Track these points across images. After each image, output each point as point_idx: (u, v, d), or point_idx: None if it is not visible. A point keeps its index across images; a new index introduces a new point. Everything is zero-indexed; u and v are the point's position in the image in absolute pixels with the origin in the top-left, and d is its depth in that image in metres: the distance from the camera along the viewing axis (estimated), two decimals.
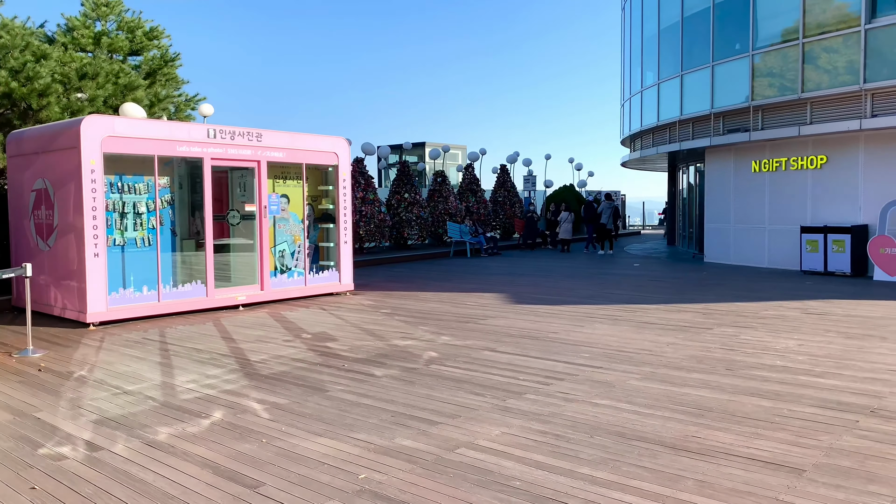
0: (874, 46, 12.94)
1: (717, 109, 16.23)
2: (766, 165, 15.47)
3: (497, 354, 6.95)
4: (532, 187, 28.38)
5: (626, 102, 22.24)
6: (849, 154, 13.86)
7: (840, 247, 13.60)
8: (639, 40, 20.31)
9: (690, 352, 6.92)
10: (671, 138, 18.59)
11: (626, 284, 12.93)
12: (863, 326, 8.10)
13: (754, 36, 15.12)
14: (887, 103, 12.99)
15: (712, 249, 17.27)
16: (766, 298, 10.60)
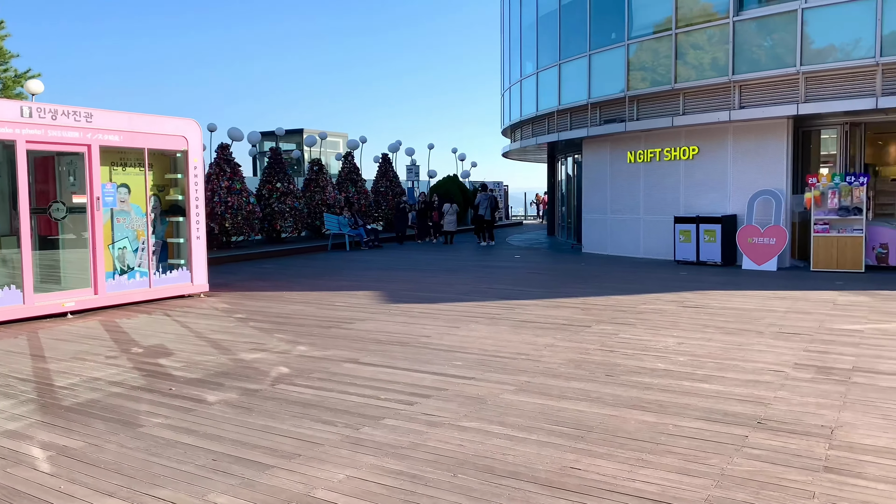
0: (741, 39, 13.15)
1: (594, 100, 16.14)
2: (642, 156, 15.54)
3: (359, 367, 6.11)
4: (415, 177, 27.70)
5: (506, 92, 21.96)
6: (719, 145, 14.10)
7: (711, 237, 13.82)
8: (517, 28, 20.02)
9: (569, 354, 6.39)
10: (550, 129, 18.43)
11: (507, 278, 12.47)
12: (738, 320, 7.94)
13: (629, 26, 15.08)
14: (754, 95, 13.26)
15: (590, 240, 17.26)
16: (644, 291, 10.41)
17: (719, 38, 13.44)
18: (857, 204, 12.37)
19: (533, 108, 18.95)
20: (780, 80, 12.80)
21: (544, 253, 17.88)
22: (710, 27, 13.61)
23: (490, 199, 20.78)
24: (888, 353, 6.17)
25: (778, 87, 12.90)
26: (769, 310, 8.57)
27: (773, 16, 12.77)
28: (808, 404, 4.75)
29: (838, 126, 13.40)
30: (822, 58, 12.22)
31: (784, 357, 6.12)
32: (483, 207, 20.71)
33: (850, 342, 6.66)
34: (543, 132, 18.83)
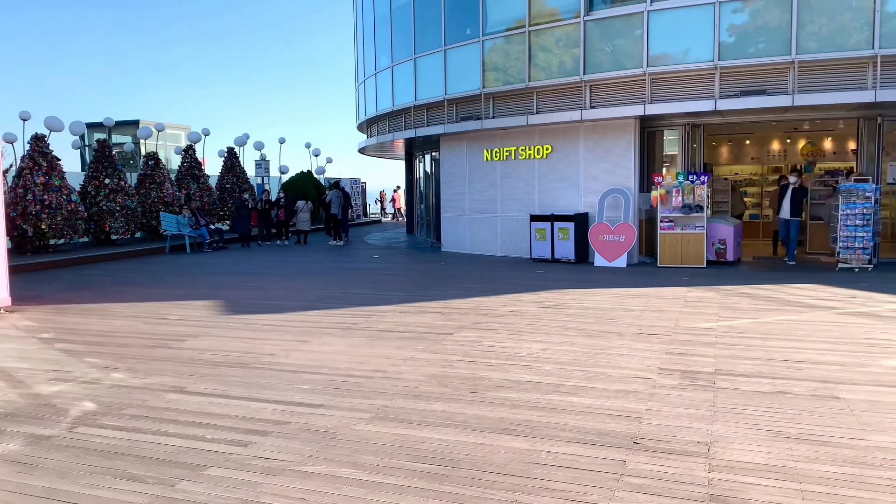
0: (592, 40, 13.34)
1: (450, 96, 15.82)
2: (498, 154, 15.43)
3: (186, 398, 5.17)
4: (265, 173, 26.19)
5: (360, 86, 21.20)
6: (571, 144, 14.25)
7: (565, 234, 13.94)
8: (371, 20, 19.32)
9: (431, 368, 5.84)
10: (406, 124, 17.93)
11: (364, 281, 11.77)
12: (598, 321, 7.80)
13: (484, 22, 14.89)
14: (604, 95, 13.49)
15: (449, 238, 16.98)
16: (504, 291, 10.14)
17: (571, 37, 13.56)
18: (699, 202, 12.93)
19: (389, 103, 18.35)
20: (629, 80, 13.11)
21: (403, 252, 17.37)
22: (562, 26, 13.70)
23: (342, 197, 20.04)
24: (743, 353, 6.18)
25: (626, 87, 13.21)
26: (626, 308, 8.55)
27: (620, 17, 13.04)
28: (680, 416, 4.51)
29: (680, 127, 13.99)
30: (667, 60, 12.64)
31: (648, 361, 5.95)
32: (335, 206, 19.91)
33: (706, 342, 6.66)
34: (400, 128, 18.30)
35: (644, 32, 12.67)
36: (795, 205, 12.94)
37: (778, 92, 11.94)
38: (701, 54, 12.32)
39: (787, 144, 18.31)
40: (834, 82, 11.67)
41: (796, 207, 12.95)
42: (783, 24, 11.71)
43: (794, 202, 12.95)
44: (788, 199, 12.99)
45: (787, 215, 13.06)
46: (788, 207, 13.01)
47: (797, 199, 12.97)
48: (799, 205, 12.96)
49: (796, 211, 12.97)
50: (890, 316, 7.80)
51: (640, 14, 12.71)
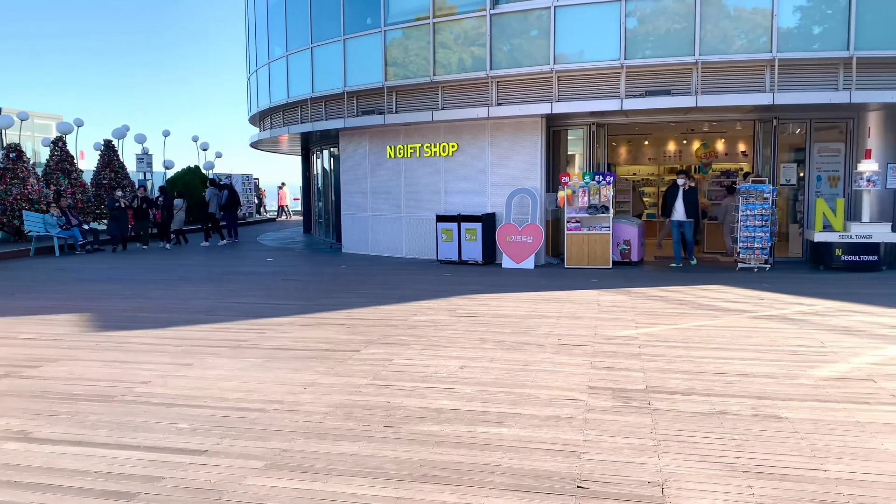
0: (499, 34, 12.91)
1: (350, 88, 14.97)
2: (402, 151, 14.75)
3: (31, 448, 4.18)
4: (147, 168, 24.22)
5: (252, 75, 19.88)
6: (478, 142, 13.80)
7: (472, 235, 13.47)
8: (264, 5, 18.09)
9: (337, 396, 5.10)
10: (303, 118, 16.89)
11: (257, 288, 10.77)
12: (515, 331, 7.31)
13: (386, 11, 14.15)
14: (511, 92, 13.11)
15: (350, 239, 16.13)
16: (412, 298, 9.49)
17: (477, 31, 13.08)
18: (605, 202, 12.80)
19: (283, 95, 17.23)
20: (536, 78, 12.79)
21: (301, 254, 16.35)
22: (468, 18, 13.20)
23: (220, 195, 18.91)
24: (670, 366, 5.84)
25: (533, 85, 12.88)
26: (541, 315, 8.11)
27: (526, 12, 12.69)
28: (622, 448, 4.02)
29: (585, 126, 13.85)
30: (574, 58, 12.40)
31: (575, 378, 5.48)
32: (213, 204, 18.70)
33: (631, 353, 6.29)
34: (296, 121, 17.23)
35: (551, 29, 12.38)
36: (689, 206, 12.81)
37: (682, 92, 11.96)
38: (607, 53, 12.16)
39: (682, 145, 18.76)
40: (735, 84, 11.82)
41: (690, 208, 12.83)
42: (687, 25, 11.73)
43: (686, 203, 12.82)
44: (681, 201, 12.83)
45: (682, 216, 12.88)
46: (682, 209, 12.85)
47: (689, 200, 12.83)
48: (692, 206, 12.85)
49: (690, 212, 12.85)
50: (799, 319, 7.78)
51: (547, 10, 12.41)
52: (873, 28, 11.27)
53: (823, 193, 13.09)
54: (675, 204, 12.88)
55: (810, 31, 11.54)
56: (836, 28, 11.35)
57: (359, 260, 14.56)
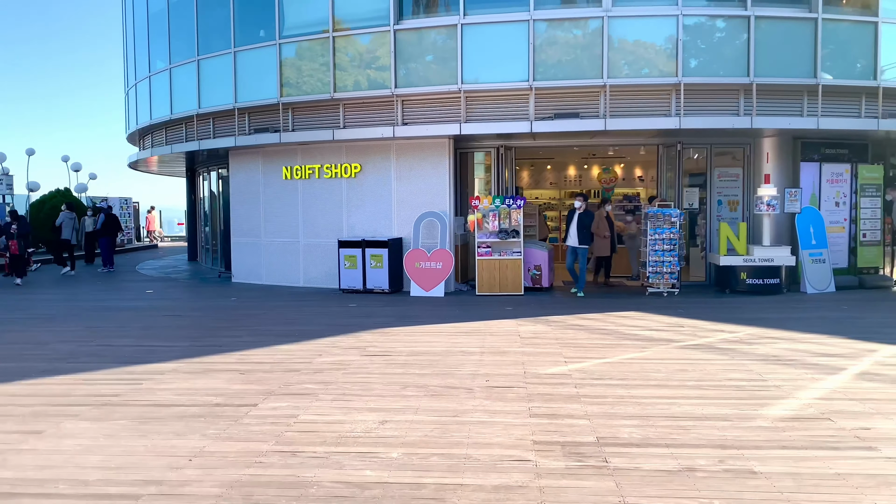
0: (404, 51, 12.26)
1: (242, 104, 13.81)
2: (299, 172, 13.72)
3: None
4: (7, 190, 21.70)
5: (131, 90, 18.17)
6: (383, 163, 13.02)
7: (378, 262, 12.62)
8: (143, 13, 16.58)
9: (232, 471, 4.11)
10: (189, 135, 15.48)
11: (133, 326, 9.39)
12: (437, 371, 6.53)
13: (281, 23, 13.18)
14: (418, 111, 12.46)
15: (242, 268, 14.83)
16: (316, 334, 8.51)
17: (381, 46, 12.37)
18: (515, 226, 12.35)
19: (167, 111, 15.75)
20: (443, 97, 12.22)
21: (186, 285, 14.84)
22: (371, 33, 12.47)
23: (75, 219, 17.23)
24: (616, 410, 5.26)
25: (441, 104, 12.30)
26: (462, 351, 7.39)
27: (433, 28, 12.14)
28: None
29: (493, 149, 13.41)
30: (482, 77, 11.93)
31: (516, 430, 4.76)
32: (66, 229, 16.97)
33: (568, 395, 5.66)
34: (181, 139, 15.77)
35: (458, 47, 11.87)
36: (581, 231, 11.94)
37: (591, 116, 11.75)
38: (516, 73, 11.79)
39: (583, 170, 18.82)
40: (642, 108, 11.74)
41: (583, 234, 11.96)
42: (595, 48, 11.56)
43: (580, 228, 11.95)
44: (575, 226, 12.01)
45: (575, 242, 12.04)
46: (576, 234, 12.01)
47: (583, 224, 11.96)
48: (585, 231, 11.97)
49: (583, 237, 12.00)
50: (727, 348, 7.50)
51: (454, 27, 11.91)
52: (771, 55, 11.54)
53: (724, 217, 13.28)
54: (570, 228, 12.15)
55: (713, 56, 11.67)
56: (737, 55, 11.54)
57: (251, 291, 13.32)
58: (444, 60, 12.09)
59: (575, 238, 12.03)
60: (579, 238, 11.99)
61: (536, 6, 11.60)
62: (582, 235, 11.97)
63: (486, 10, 11.86)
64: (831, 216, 12.79)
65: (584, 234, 11.98)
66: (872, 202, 12.88)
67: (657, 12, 11.54)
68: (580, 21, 11.70)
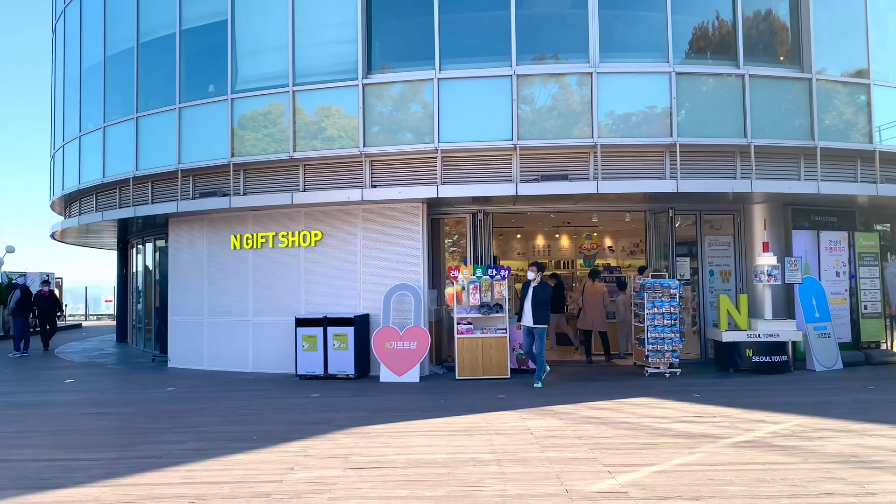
0: (373, 106, 11.09)
1: (186, 165, 12.27)
2: (251, 241, 12.14)
3: None
4: None
5: (58, 152, 16.36)
6: (347, 231, 11.61)
7: (342, 342, 11.00)
8: (76, 69, 15.03)
9: None
10: (123, 201, 13.74)
11: (40, 431, 7.46)
12: (452, 491, 5.00)
13: (234, 76, 11.88)
14: (388, 173, 11.21)
15: (180, 350, 12.91)
16: (280, 437, 6.83)
17: (348, 102, 11.17)
18: (499, 300, 11.03)
19: (98, 174, 14.02)
20: (417, 157, 11.03)
21: (113, 372, 12.76)
22: (337, 88, 11.28)
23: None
24: None
25: (415, 165, 11.10)
26: (473, 459, 5.87)
27: (406, 83, 11.05)
28: None
29: (469, 214, 12.21)
30: (461, 135, 10.82)
31: None
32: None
33: None
34: (114, 206, 14.00)
35: (434, 102, 10.79)
36: (537, 308, 9.94)
37: (580, 177, 10.76)
38: (498, 132, 10.74)
39: (553, 239, 17.84)
40: (635, 170, 10.83)
41: (540, 311, 9.96)
42: (584, 104, 10.67)
43: (536, 304, 9.95)
44: (530, 302, 9.98)
45: (530, 321, 9.94)
46: (530, 311, 9.96)
47: (540, 299, 9.97)
48: (542, 307, 9.99)
49: (541, 315, 9.96)
50: (787, 445, 6.23)
51: (430, 81, 10.86)
52: (767, 116, 10.90)
53: (717, 289, 12.34)
54: (524, 304, 10.11)
55: (708, 116, 10.93)
56: (733, 114, 10.84)
57: (192, 378, 11.43)
58: (419, 117, 10.97)
59: (530, 316, 10.00)
60: (535, 316, 9.96)
61: (519, 61, 10.70)
62: (538, 312, 9.97)
63: (465, 65, 10.89)
64: (832, 287, 12.00)
65: (541, 310, 10.00)
66: (871, 272, 12.20)
67: (648, 69, 10.81)
68: (567, 77, 10.84)
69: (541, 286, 10.13)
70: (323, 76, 11.36)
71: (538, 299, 10.01)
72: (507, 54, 10.75)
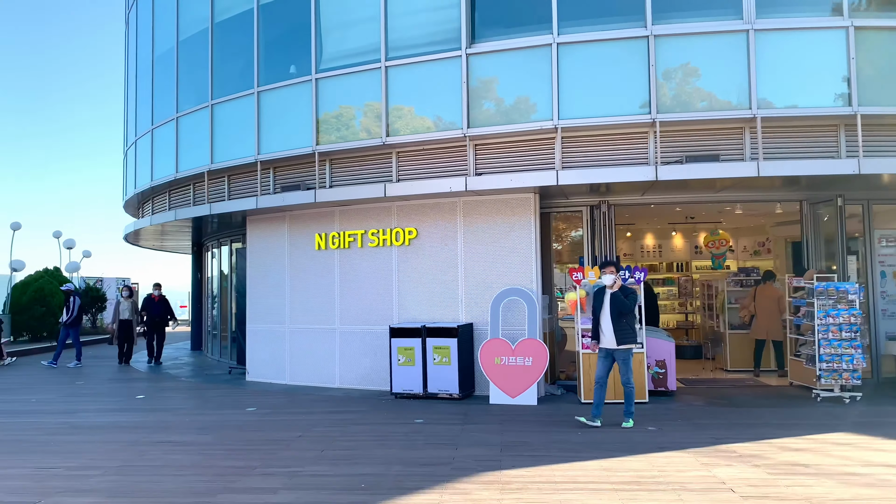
0: (478, 79, 9.48)
1: (266, 157, 10.98)
2: (337, 240, 10.74)
3: None
4: None
5: (130, 149, 15.48)
6: (445, 227, 10.04)
7: (444, 356, 9.42)
8: (149, 56, 14.05)
9: None
10: (197, 198, 12.62)
11: (101, 468, 6.12)
12: None
13: (318, 53, 10.50)
14: (494, 158, 9.58)
15: (259, 362, 11.61)
16: (396, 487, 5.26)
17: (448, 75, 9.60)
18: None
19: (171, 170, 12.95)
20: (529, 137, 9.36)
21: (187, 387, 11.56)
22: (435, 61, 9.74)
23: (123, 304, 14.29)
24: None
25: (526, 147, 9.43)
26: None
27: (516, 50, 9.38)
28: None
29: (585, 207, 10.43)
30: (584, 110, 9.07)
31: None
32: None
33: None
34: (187, 203, 12.90)
35: (552, 71, 9.09)
36: (621, 321, 7.44)
37: (734, 158, 8.84)
38: (631, 104, 8.94)
39: (664, 238, 15.81)
40: (798, 148, 8.83)
41: (624, 327, 7.44)
42: (738, 68, 8.75)
43: (617, 317, 7.46)
44: (608, 314, 7.51)
45: (612, 342, 7.47)
46: (610, 327, 7.47)
47: (622, 309, 7.46)
48: (629, 321, 7.51)
49: (626, 333, 7.45)
50: None
51: (546, 47, 9.16)
52: None
53: (890, 293, 10.17)
54: (601, 318, 7.60)
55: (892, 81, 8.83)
56: None
57: (274, 395, 10.06)
58: (533, 91, 9.27)
59: (611, 334, 7.50)
60: (618, 333, 7.46)
61: (656, 19, 8.89)
62: (622, 329, 7.45)
63: (588, 27, 9.15)
64: None
65: (626, 325, 7.47)
66: None
67: (817, 24, 8.79)
68: (716, 36, 8.93)
69: (623, 292, 7.59)
70: (419, 48, 9.83)
71: (621, 310, 7.48)
72: (640, 13, 8.95)
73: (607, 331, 7.51)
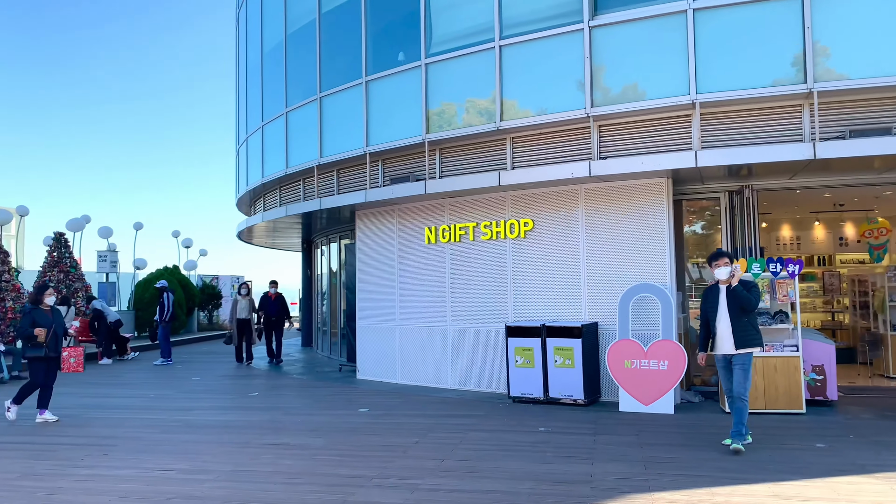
0: (602, 54, 8.64)
1: (375, 148, 10.60)
2: (447, 234, 10.20)
3: None
4: (111, 268, 19.66)
5: (242, 146, 15.66)
6: (564, 217, 9.25)
7: (566, 358, 8.64)
8: (258, 53, 14.09)
9: None
10: (307, 194, 12.47)
11: (213, 471, 5.82)
12: None
13: (428, 37, 9.99)
14: (620, 139, 8.71)
15: (369, 360, 11.27)
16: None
17: (568, 51, 8.81)
18: (783, 306, 8.10)
19: (281, 166, 12.88)
20: (664, 116, 8.42)
21: (298, 384, 11.38)
22: (553, 37, 8.96)
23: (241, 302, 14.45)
24: None
25: (658, 126, 8.50)
26: None
27: (646, 19, 8.45)
28: None
29: (723, 193, 9.34)
30: (725, 83, 8.02)
31: None
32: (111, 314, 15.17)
33: None
34: (297, 199, 12.78)
35: (689, 40, 8.11)
36: (741, 320, 6.29)
37: None
38: (782, 72, 7.82)
39: (804, 230, 14.24)
40: None
41: (746, 327, 6.28)
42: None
43: (737, 316, 6.29)
44: (726, 314, 6.34)
45: (730, 346, 6.31)
46: (728, 329, 6.31)
47: (741, 305, 6.28)
48: (752, 319, 6.36)
49: (748, 334, 6.27)
50: None
51: (680, 14, 8.19)
52: None
53: None
54: (716, 320, 6.41)
55: None
56: None
57: (385, 395, 9.64)
58: (665, 64, 8.32)
59: (729, 336, 6.30)
60: (739, 335, 6.27)
61: None
62: (743, 329, 6.27)
63: None
64: None
65: (748, 325, 6.30)
66: None
67: None
68: None
69: (745, 286, 6.34)
70: (536, 24, 9.09)
71: (744, 305, 6.26)
72: None
73: (724, 333, 6.35)
